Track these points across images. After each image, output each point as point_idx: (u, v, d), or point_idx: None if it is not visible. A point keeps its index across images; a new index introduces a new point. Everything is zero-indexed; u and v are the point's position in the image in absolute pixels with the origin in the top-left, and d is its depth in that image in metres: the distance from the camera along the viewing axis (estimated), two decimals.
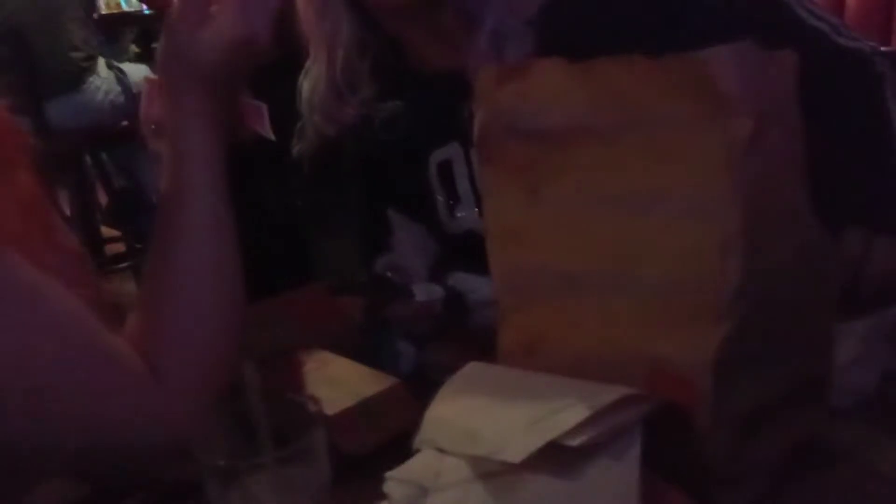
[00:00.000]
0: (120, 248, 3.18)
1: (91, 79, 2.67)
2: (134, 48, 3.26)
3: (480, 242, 0.66)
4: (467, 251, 0.93)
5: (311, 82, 1.01)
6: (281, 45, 0.77)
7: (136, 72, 2.82)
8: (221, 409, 0.54)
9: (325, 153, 1.07)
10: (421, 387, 0.62)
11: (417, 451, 0.53)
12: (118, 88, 2.75)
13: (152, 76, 1.08)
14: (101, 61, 2.75)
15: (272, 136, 0.82)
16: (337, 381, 0.69)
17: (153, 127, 0.90)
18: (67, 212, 2.97)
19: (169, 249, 0.64)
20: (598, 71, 0.55)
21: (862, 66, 0.92)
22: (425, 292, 0.91)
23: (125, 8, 3.18)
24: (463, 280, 0.94)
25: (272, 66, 0.76)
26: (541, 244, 0.58)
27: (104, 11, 2.94)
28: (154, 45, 3.39)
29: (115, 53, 2.97)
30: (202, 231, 0.64)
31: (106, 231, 3.23)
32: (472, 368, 0.58)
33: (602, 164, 0.54)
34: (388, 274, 0.98)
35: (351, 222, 1.11)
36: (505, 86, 0.57)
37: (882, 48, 0.96)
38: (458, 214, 1.03)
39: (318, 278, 1.02)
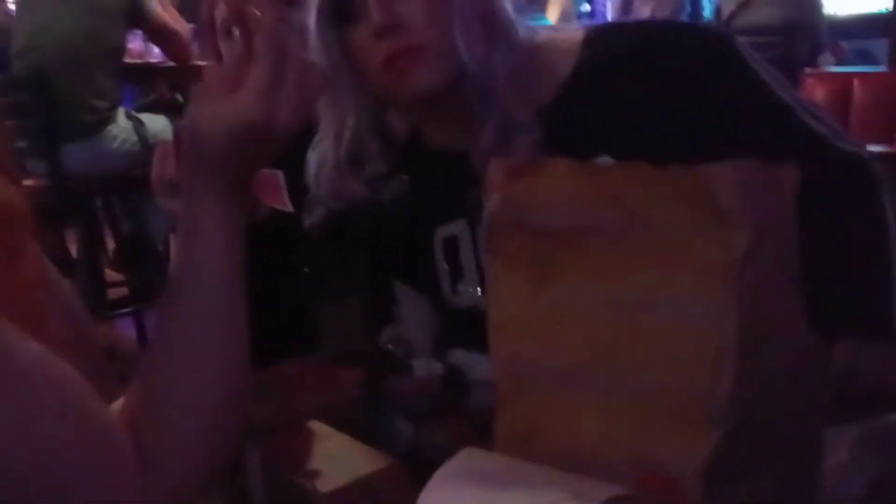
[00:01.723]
0: (123, 292, 3.20)
1: (109, 128, 2.72)
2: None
3: (482, 319, 0.66)
4: (469, 327, 0.95)
5: (318, 157, 1.04)
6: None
7: (154, 122, 2.87)
8: (222, 486, 0.55)
9: (332, 224, 1.09)
10: (417, 466, 0.62)
11: None
12: (135, 138, 2.79)
13: (166, 139, 1.10)
14: (121, 111, 2.80)
15: (290, 208, 0.84)
16: (333, 457, 0.70)
17: (166, 186, 0.92)
18: (74, 253, 2.99)
19: (174, 329, 0.63)
20: (605, 175, 0.57)
21: (860, 170, 0.95)
22: (425, 368, 0.92)
23: (150, 59, 3.25)
24: (463, 358, 0.95)
25: None
26: (541, 337, 0.60)
27: (127, 60, 3.01)
28: (177, 95, 3.46)
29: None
30: (209, 315, 0.62)
31: (110, 275, 3.25)
32: (467, 455, 0.59)
33: (604, 265, 0.56)
34: (391, 347, 1.00)
35: (357, 292, 1.13)
36: (515, 181, 0.60)
37: (881, 151, 0.99)
38: (461, 290, 1.05)
39: (323, 346, 1.04)
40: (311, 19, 0.95)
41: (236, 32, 0.64)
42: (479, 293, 1.03)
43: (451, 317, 1.04)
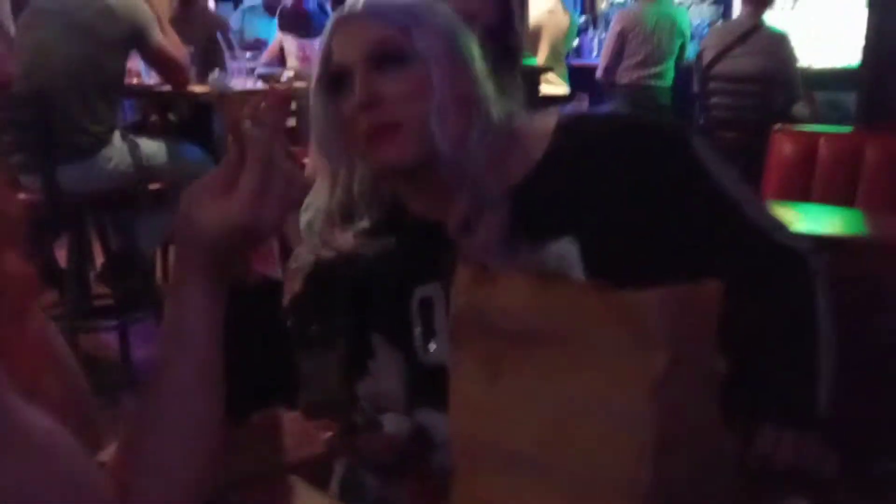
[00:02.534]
0: (108, 302, 3.26)
1: (105, 150, 2.78)
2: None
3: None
4: (438, 387, 1.03)
5: (313, 208, 1.13)
6: None
7: (149, 146, 2.94)
8: None
9: (317, 276, 1.18)
10: None
11: None
12: (129, 160, 2.86)
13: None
14: (117, 133, 2.87)
15: (279, 276, 0.92)
16: None
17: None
18: (63, 265, 3.05)
19: (157, 394, 0.71)
20: (554, 290, 0.67)
21: (798, 263, 1.04)
22: (394, 425, 1.01)
23: (146, 81, 3.32)
24: (431, 417, 1.03)
25: None
26: (494, 423, 0.69)
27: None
28: (170, 115, 3.54)
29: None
30: (189, 386, 0.70)
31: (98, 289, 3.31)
32: None
33: (549, 368, 0.66)
34: (364, 401, 1.08)
35: (336, 343, 1.22)
36: (478, 287, 0.69)
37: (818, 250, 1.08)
38: (433, 349, 1.14)
39: (302, 395, 1.11)
40: (312, 88, 1.05)
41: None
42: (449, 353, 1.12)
43: (423, 375, 1.12)
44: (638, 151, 1.03)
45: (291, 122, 3.95)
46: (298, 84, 3.56)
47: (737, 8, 5.37)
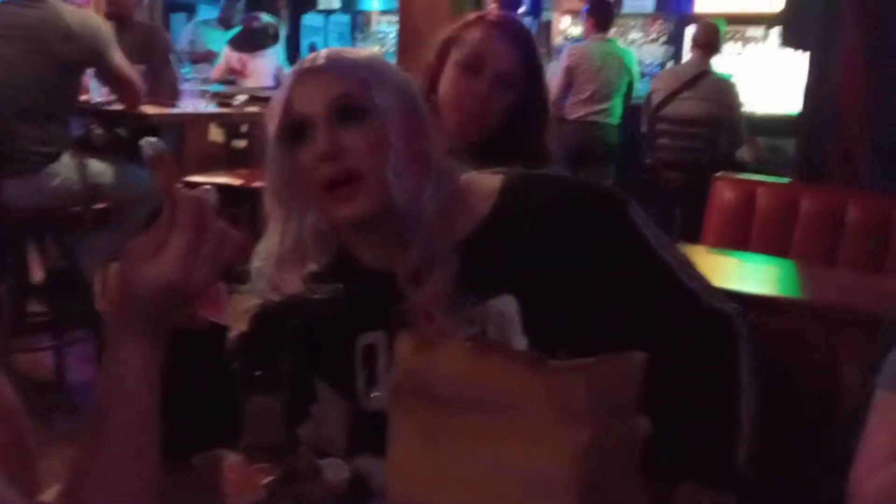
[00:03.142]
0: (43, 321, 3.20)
1: (52, 166, 2.75)
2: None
3: None
4: (377, 433, 1.05)
5: (263, 251, 1.15)
6: None
7: (97, 166, 2.92)
8: None
9: (263, 319, 1.20)
10: None
11: None
12: (76, 177, 2.83)
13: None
14: (67, 152, 2.85)
15: (225, 322, 0.94)
16: None
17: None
18: None
19: (95, 442, 0.73)
20: (492, 359, 0.70)
21: (723, 326, 1.10)
22: (334, 470, 1.03)
23: (95, 98, 3.29)
24: (369, 464, 1.05)
25: None
26: (428, 482, 0.72)
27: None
28: (119, 131, 3.52)
29: None
30: (126, 433, 0.73)
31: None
32: None
33: (482, 432, 0.69)
34: (303, 447, 1.10)
35: (280, 387, 1.23)
36: (418, 355, 0.72)
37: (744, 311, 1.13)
38: (374, 395, 1.16)
39: (244, 437, 1.13)
40: (270, 134, 1.07)
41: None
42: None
43: (363, 421, 1.14)
44: (578, 215, 1.08)
45: (242, 143, 3.97)
46: (250, 109, 3.58)
47: (687, 49, 5.53)
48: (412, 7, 3.76)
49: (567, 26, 6.96)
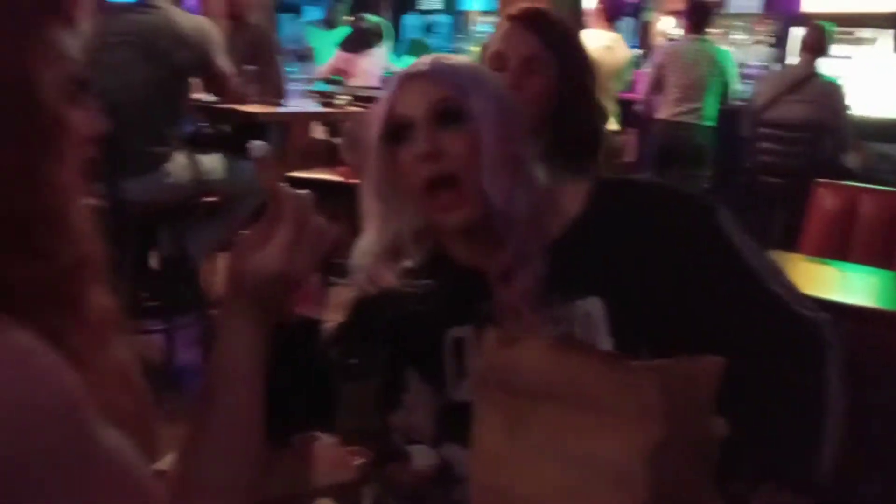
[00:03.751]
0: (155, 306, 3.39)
1: (166, 165, 2.92)
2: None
3: None
4: (464, 423, 1.11)
5: (362, 246, 1.22)
6: None
7: (208, 162, 3.08)
8: None
9: (360, 310, 1.27)
10: None
11: None
12: (188, 173, 2.99)
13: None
14: (179, 151, 3.00)
15: (319, 317, 1.01)
16: None
17: None
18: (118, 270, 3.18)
19: (203, 418, 0.81)
20: (572, 355, 0.74)
21: (813, 334, 1.10)
22: (421, 457, 1.09)
23: (206, 98, 3.46)
24: (455, 453, 1.11)
25: None
26: (509, 471, 0.77)
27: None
28: (225, 128, 3.69)
29: None
30: (231, 411, 0.80)
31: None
32: None
33: (559, 424, 0.73)
34: (395, 432, 1.16)
35: (373, 375, 1.30)
36: (502, 349, 0.77)
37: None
38: (462, 387, 1.22)
39: (338, 422, 1.20)
40: (373, 136, 1.13)
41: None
42: None
43: (451, 411, 1.20)
44: (666, 219, 1.10)
45: (339, 140, 4.10)
46: (352, 108, 3.69)
47: (792, 51, 5.38)
48: (511, 7, 3.80)
49: (668, 26, 6.86)
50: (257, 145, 0.84)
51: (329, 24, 6.30)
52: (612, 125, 4.90)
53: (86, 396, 0.65)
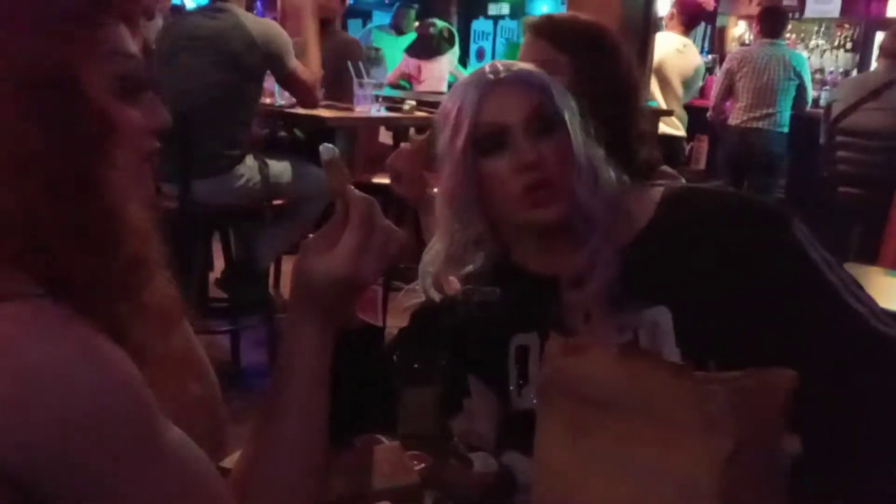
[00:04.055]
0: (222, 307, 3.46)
1: (237, 167, 2.97)
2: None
3: None
4: (526, 431, 1.10)
5: (431, 253, 1.22)
6: None
7: (277, 166, 3.12)
8: None
9: (424, 316, 1.27)
10: None
11: None
12: (258, 177, 3.04)
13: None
14: (250, 154, 3.06)
15: (380, 324, 1.02)
16: None
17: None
18: (186, 270, 3.26)
19: (269, 417, 0.82)
20: (637, 365, 0.73)
21: (890, 350, 1.05)
22: (482, 463, 1.08)
23: (279, 101, 3.52)
24: (517, 460, 1.10)
25: None
26: (573, 480, 0.76)
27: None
28: (296, 131, 3.75)
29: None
30: (297, 411, 0.81)
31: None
32: None
33: (624, 434, 0.72)
34: (456, 437, 1.16)
35: (435, 381, 1.30)
36: (567, 356, 0.76)
37: None
38: (525, 394, 1.21)
39: (399, 425, 1.20)
40: (458, 146, 1.11)
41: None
42: None
43: (513, 418, 1.19)
44: (737, 230, 1.07)
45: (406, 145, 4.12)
46: (419, 113, 3.71)
47: (874, 56, 5.21)
48: (581, 12, 3.76)
49: (742, 32, 6.72)
50: (327, 148, 0.84)
51: (398, 29, 6.36)
52: (679, 130, 4.84)
53: (150, 394, 0.66)
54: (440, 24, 5.81)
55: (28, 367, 0.60)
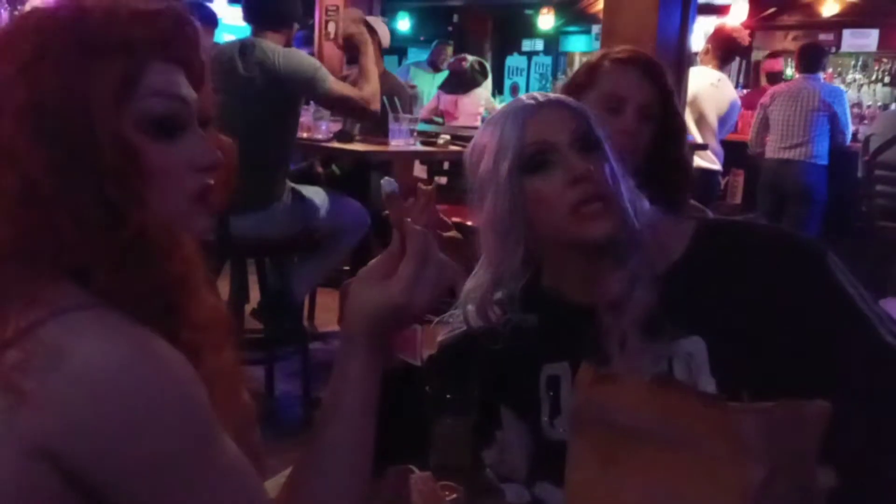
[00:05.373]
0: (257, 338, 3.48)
1: (275, 204, 2.99)
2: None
3: None
4: (558, 462, 1.09)
5: (474, 282, 1.22)
6: None
7: (314, 200, 3.15)
8: None
9: (458, 346, 1.27)
10: None
11: None
12: (295, 211, 3.06)
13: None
14: (288, 189, 3.06)
15: (419, 363, 1.02)
16: None
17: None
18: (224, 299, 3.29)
19: (318, 447, 0.83)
20: (668, 394, 0.73)
21: None
22: (515, 494, 1.08)
23: (316, 135, 3.57)
24: (548, 492, 1.10)
25: None
26: None
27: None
28: (334, 167, 3.80)
29: None
30: (346, 441, 0.83)
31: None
32: None
33: (656, 463, 0.72)
34: (488, 468, 1.16)
35: (468, 411, 1.30)
36: (599, 385, 0.76)
37: None
38: (557, 424, 1.20)
39: (432, 456, 1.20)
40: (504, 169, 1.12)
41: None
42: None
43: (545, 449, 1.18)
44: (773, 264, 1.07)
45: (443, 179, 4.16)
46: (453, 147, 3.75)
47: None
48: (618, 49, 3.78)
49: (775, 67, 6.69)
50: (388, 182, 0.86)
51: (434, 66, 6.45)
52: (715, 164, 4.83)
53: (206, 395, 0.68)
54: (471, 58, 5.87)
55: (90, 368, 0.63)
